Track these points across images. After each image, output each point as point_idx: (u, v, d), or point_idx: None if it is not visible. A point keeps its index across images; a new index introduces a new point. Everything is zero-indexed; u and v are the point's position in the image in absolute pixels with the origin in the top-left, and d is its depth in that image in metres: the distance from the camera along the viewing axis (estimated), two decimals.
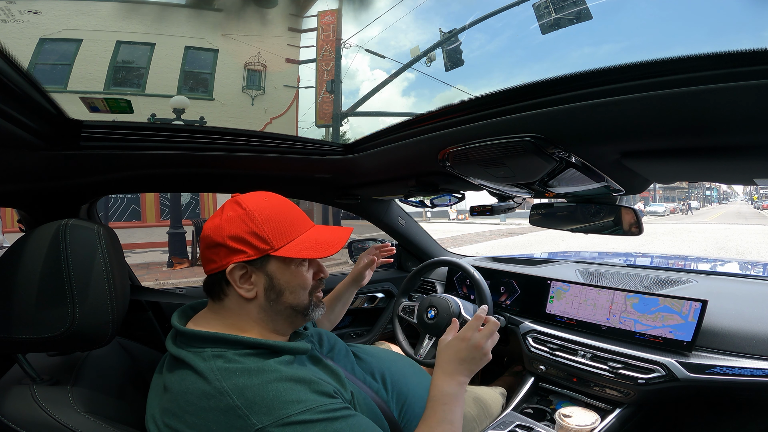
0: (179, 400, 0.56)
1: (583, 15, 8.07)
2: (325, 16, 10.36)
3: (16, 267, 0.61)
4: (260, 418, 0.52)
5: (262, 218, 0.65)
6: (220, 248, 0.64)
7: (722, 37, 22.25)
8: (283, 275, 0.67)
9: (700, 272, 1.37)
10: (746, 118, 0.51)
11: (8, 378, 0.66)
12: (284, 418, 0.53)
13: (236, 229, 0.64)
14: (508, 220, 18.29)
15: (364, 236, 1.96)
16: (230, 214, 0.65)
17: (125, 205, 9.76)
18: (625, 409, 1.02)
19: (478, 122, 0.73)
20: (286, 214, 0.68)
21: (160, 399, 0.60)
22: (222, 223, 0.65)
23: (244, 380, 0.56)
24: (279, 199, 0.70)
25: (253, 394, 0.54)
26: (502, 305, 1.39)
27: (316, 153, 1.08)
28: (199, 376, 0.57)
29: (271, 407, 0.53)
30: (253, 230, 0.64)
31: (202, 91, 9.46)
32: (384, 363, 0.87)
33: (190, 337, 0.63)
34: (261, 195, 0.69)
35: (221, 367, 0.57)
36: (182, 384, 0.58)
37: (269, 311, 0.67)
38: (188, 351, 0.61)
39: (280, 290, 0.67)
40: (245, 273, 0.65)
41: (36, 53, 8.04)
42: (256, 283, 0.65)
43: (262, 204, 0.67)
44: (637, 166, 0.76)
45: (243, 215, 0.65)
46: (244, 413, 0.53)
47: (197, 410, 0.54)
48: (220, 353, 0.59)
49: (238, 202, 0.66)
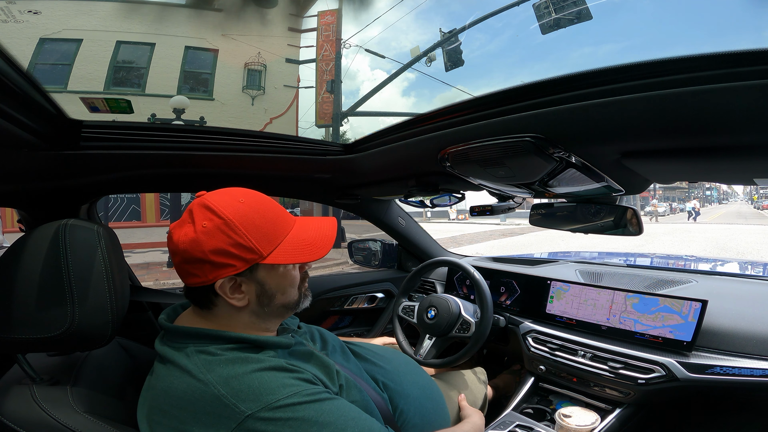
0: (166, 397, 0.57)
1: (583, 15, 8.07)
2: (325, 16, 10.36)
3: (16, 267, 0.61)
4: (248, 405, 0.53)
5: (244, 226, 0.59)
6: (203, 264, 0.59)
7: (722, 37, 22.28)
8: (273, 279, 0.65)
9: (700, 272, 1.37)
10: (746, 118, 0.51)
11: (8, 378, 0.66)
12: (272, 403, 0.53)
13: (217, 243, 0.58)
14: (508, 220, 18.29)
15: (364, 236, 1.96)
16: (206, 224, 0.58)
17: (125, 205, 9.76)
18: (625, 409, 1.02)
19: (479, 122, 0.73)
20: (267, 216, 0.63)
21: (149, 397, 0.60)
22: (199, 236, 0.58)
23: (228, 370, 0.56)
24: (256, 198, 0.64)
25: (239, 383, 0.54)
26: (502, 305, 1.39)
27: (316, 153, 1.08)
28: (183, 371, 0.57)
29: (257, 394, 0.54)
30: (236, 242, 0.59)
31: (202, 91, 9.47)
32: (381, 361, 0.87)
33: (173, 333, 0.63)
34: (234, 196, 0.62)
35: (204, 360, 0.57)
36: (167, 380, 0.58)
37: (261, 314, 0.66)
38: (171, 347, 0.61)
39: (271, 294, 0.65)
40: (234, 284, 0.62)
41: (36, 53, 8.05)
42: (247, 291, 0.63)
43: (239, 209, 0.60)
44: (637, 166, 0.76)
45: (221, 225, 0.58)
46: (231, 402, 0.53)
47: (185, 404, 0.55)
48: (202, 348, 0.59)
49: (210, 208, 0.59)
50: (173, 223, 0.64)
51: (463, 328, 1.21)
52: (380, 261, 1.80)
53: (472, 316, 1.23)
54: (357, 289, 1.64)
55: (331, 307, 1.59)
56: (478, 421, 0.95)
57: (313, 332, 0.83)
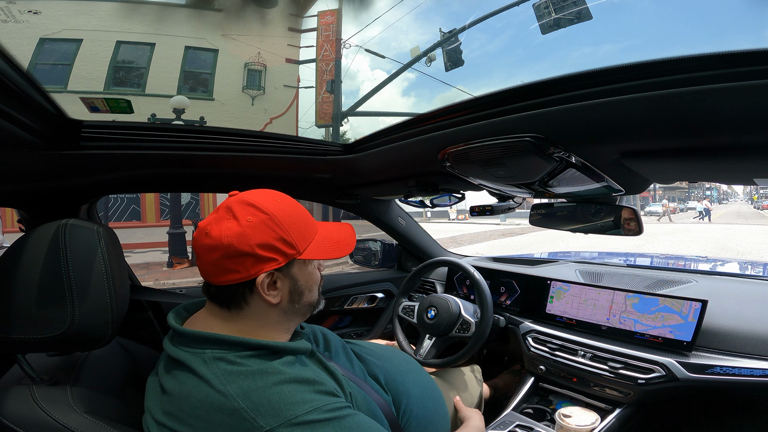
0: (182, 404, 0.56)
1: (583, 15, 8.07)
2: (325, 16, 10.36)
3: (15, 267, 0.61)
4: (267, 420, 0.52)
5: (286, 222, 0.62)
6: (247, 258, 0.60)
7: (722, 37, 22.25)
8: (303, 276, 0.67)
9: (700, 272, 1.37)
10: (746, 118, 0.51)
11: (8, 378, 0.66)
12: (292, 419, 0.53)
13: (264, 237, 0.60)
14: (508, 220, 18.28)
15: (364, 236, 1.96)
16: (251, 219, 0.60)
17: (125, 205, 9.76)
18: (625, 409, 1.02)
19: (479, 122, 0.73)
20: (302, 214, 0.66)
21: (160, 401, 0.59)
22: (245, 230, 0.59)
23: (248, 383, 0.55)
24: (289, 198, 0.68)
25: (259, 397, 0.54)
26: (502, 305, 1.39)
27: (316, 153, 1.08)
28: (201, 380, 0.56)
29: (277, 409, 0.53)
30: (281, 236, 0.61)
31: (202, 91, 9.47)
32: (382, 361, 0.87)
33: (189, 337, 0.62)
34: (271, 195, 0.65)
35: (224, 370, 0.57)
36: (184, 387, 0.57)
37: (289, 312, 0.67)
38: (187, 352, 0.60)
39: (301, 291, 0.67)
40: (270, 279, 0.63)
41: (36, 53, 8.04)
42: (281, 287, 0.64)
43: (280, 205, 0.63)
44: (637, 166, 0.76)
45: (267, 220, 0.61)
46: (251, 416, 0.52)
47: (202, 414, 0.54)
48: (221, 355, 0.59)
49: (254, 205, 0.62)
50: (204, 221, 0.64)
51: (463, 328, 1.21)
52: (380, 261, 1.80)
53: (472, 316, 1.23)
54: (357, 289, 1.64)
55: (331, 307, 1.59)
56: (479, 422, 0.95)
57: (315, 333, 0.83)
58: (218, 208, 0.64)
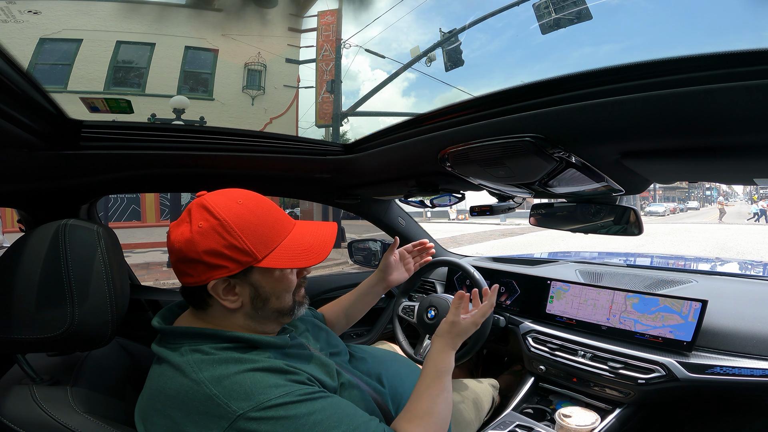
0: (161, 396, 0.57)
1: (583, 15, 8.06)
2: (325, 16, 10.36)
3: (15, 267, 0.61)
4: (240, 405, 0.53)
5: (240, 228, 0.59)
6: (196, 264, 0.59)
7: (722, 37, 22.24)
8: (268, 283, 0.64)
9: (700, 272, 1.37)
10: (746, 118, 0.51)
11: (8, 378, 0.66)
12: (264, 403, 0.53)
13: (211, 243, 0.58)
14: (508, 220, 18.29)
15: (364, 236, 1.96)
16: (202, 225, 0.58)
17: (125, 205, 9.76)
18: (625, 409, 1.02)
19: (478, 122, 0.72)
20: (265, 219, 0.62)
21: (143, 396, 0.60)
22: (194, 236, 0.58)
23: (221, 370, 0.56)
24: (254, 200, 0.64)
25: (231, 383, 0.54)
26: (502, 305, 1.39)
27: (316, 153, 1.08)
28: (176, 370, 0.57)
29: (249, 393, 0.54)
30: (231, 243, 0.58)
31: (202, 91, 9.47)
32: (381, 363, 0.87)
33: (168, 334, 0.63)
34: (233, 197, 0.62)
35: (198, 359, 0.57)
36: (161, 380, 0.58)
37: (256, 317, 0.66)
38: (166, 348, 0.61)
39: (266, 298, 0.64)
40: (228, 285, 0.61)
41: (36, 53, 8.05)
42: (241, 293, 0.63)
43: (236, 210, 0.60)
44: (637, 166, 0.76)
45: (217, 226, 0.58)
46: (223, 401, 0.53)
47: (178, 403, 0.55)
48: (196, 347, 0.59)
49: (208, 208, 0.59)
50: (173, 222, 0.64)
51: None
52: (380, 261, 1.80)
53: None
54: None
55: None
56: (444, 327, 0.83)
57: (317, 333, 0.83)
58: (186, 209, 0.63)
